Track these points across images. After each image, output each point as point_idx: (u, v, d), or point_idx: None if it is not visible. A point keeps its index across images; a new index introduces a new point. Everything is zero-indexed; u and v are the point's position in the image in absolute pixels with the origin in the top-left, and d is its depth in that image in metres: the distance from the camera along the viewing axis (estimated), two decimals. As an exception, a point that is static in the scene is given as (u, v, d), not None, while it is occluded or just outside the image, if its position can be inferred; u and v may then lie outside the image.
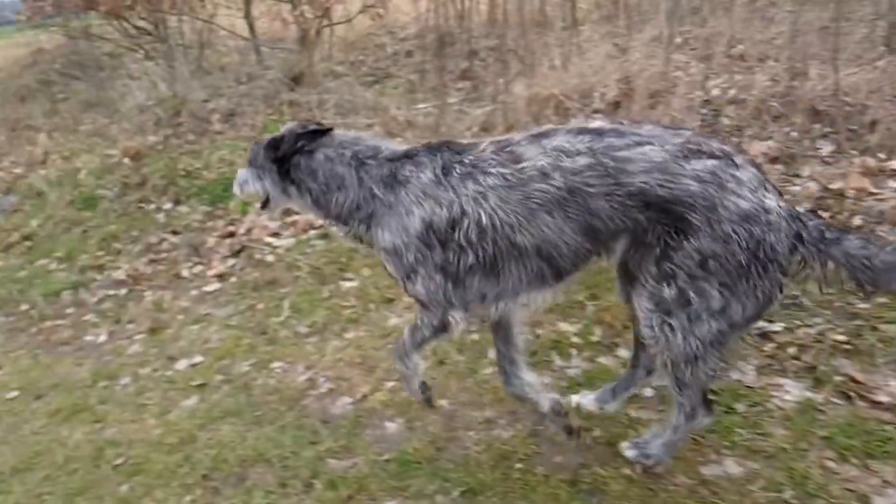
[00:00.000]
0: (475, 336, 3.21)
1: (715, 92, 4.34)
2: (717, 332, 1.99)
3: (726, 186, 1.91)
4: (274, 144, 2.36)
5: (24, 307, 4.55)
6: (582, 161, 1.99)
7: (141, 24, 9.45)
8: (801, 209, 2.03)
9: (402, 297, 3.61)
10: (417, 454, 2.63)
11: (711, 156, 1.95)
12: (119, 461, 2.93)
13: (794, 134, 3.90)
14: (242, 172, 2.52)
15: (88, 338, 4.08)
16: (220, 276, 4.32)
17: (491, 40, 7.40)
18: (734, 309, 1.96)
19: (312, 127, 2.36)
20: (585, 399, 2.67)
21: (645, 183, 1.94)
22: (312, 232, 4.39)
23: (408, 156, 2.26)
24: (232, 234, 4.61)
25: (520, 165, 2.05)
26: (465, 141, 2.31)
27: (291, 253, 4.26)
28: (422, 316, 2.30)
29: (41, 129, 7.91)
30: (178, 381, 3.46)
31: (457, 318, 2.25)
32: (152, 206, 5.22)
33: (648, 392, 2.72)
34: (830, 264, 1.96)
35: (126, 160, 5.83)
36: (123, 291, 4.45)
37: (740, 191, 1.91)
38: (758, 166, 2.03)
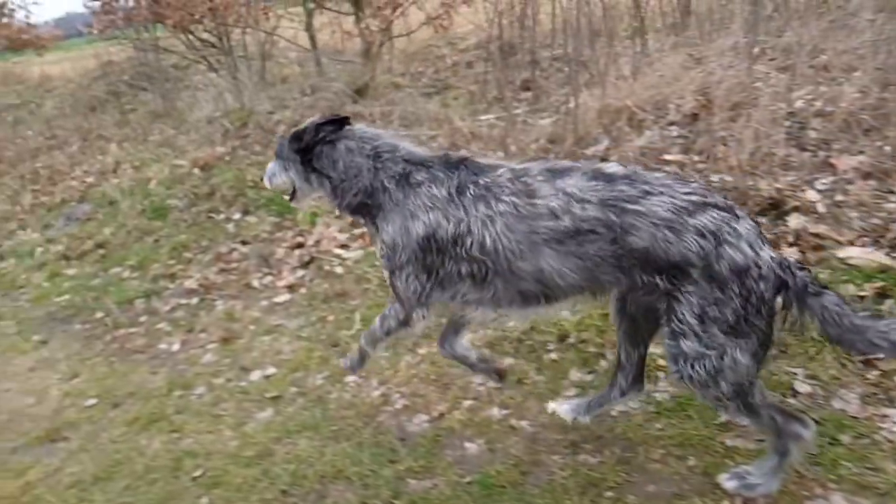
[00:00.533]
0: (553, 356, 3.13)
1: (799, 104, 4.17)
2: (747, 369, 2.08)
3: (727, 240, 2.00)
4: (297, 136, 2.49)
5: (98, 315, 4.65)
6: (591, 210, 2.08)
7: (205, 36, 9.73)
8: (790, 259, 2.15)
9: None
10: (501, 478, 2.56)
11: (716, 207, 2.05)
12: (198, 473, 2.94)
13: (888, 149, 3.70)
14: (271, 165, 2.65)
15: (162, 346, 4.13)
16: (290, 288, 4.34)
17: (553, 50, 7.34)
18: (750, 343, 2.06)
19: (331, 117, 2.47)
20: (561, 407, 2.69)
21: (650, 238, 2.03)
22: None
23: (424, 163, 2.35)
24: (301, 245, 4.63)
25: (532, 200, 2.15)
26: (483, 161, 2.37)
27: (360, 265, 4.26)
28: (392, 307, 2.51)
29: (112, 139, 8.17)
30: (252, 392, 3.47)
31: (422, 316, 2.45)
32: (221, 217, 5.30)
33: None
34: (807, 313, 2.06)
35: (195, 171, 5.95)
36: (195, 300, 4.51)
37: (738, 244, 2.00)
38: (755, 220, 2.14)
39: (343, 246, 4.45)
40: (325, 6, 7.34)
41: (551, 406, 2.74)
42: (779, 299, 2.06)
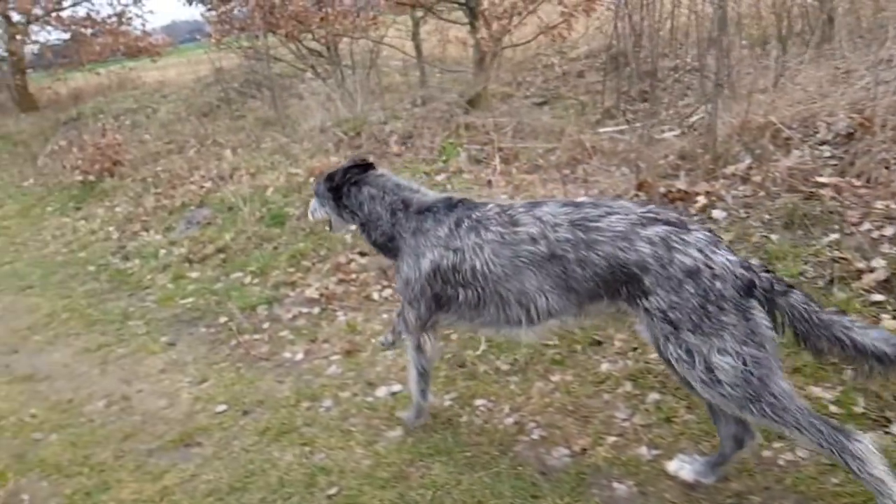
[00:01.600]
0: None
1: (973, 124, 3.78)
2: (744, 366, 2.14)
3: (674, 247, 2.22)
4: (330, 177, 2.99)
5: (222, 319, 4.77)
6: (562, 232, 2.39)
7: (313, 45, 9.95)
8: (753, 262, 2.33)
9: (613, 341, 3.41)
10: (658, 526, 2.40)
11: (666, 222, 2.29)
12: (332, 491, 2.91)
13: None
14: (312, 202, 3.18)
15: (286, 354, 4.18)
16: (411, 302, 4.29)
17: (672, 60, 7.06)
18: (728, 343, 2.14)
19: (358, 161, 2.97)
20: (682, 469, 2.57)
21: (611, 249, 2.29)
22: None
23: (431, 209, 2.76)
24: (420, 259, 4.59)
25: (515, 229, 2.49)
26: (478, 200, 2.80)
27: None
28: (407, 338, 2.99)
29: (226, 145, 8.46)
30: (379, 408, 3.43)
31: (429, 340, 2.92)
32: (338, 226, 5.34)
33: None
34: (777, 313, 2.18)
35: (311, 180, 6.04)
36: (316, 310, 4.55)
37: (686, 249, 2.21)
38: (711, 231, 2.34)
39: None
40: (442, 16, 7.31)
41: (672, 467, 2.60)
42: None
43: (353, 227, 3.09)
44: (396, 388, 3.57)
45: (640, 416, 2.96)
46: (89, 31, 16.44)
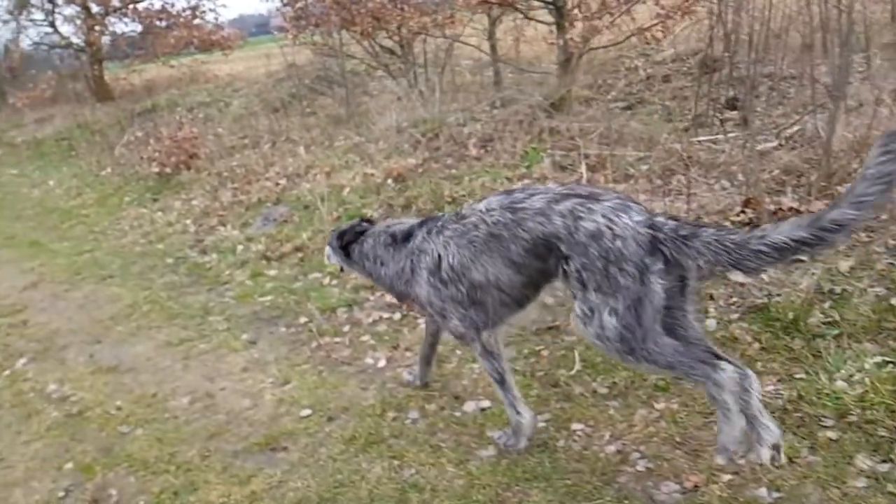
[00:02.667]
0: (831, 434, 2.72)
1: None
2: (625, 326, 2.45)
3: (580, 216, 2.51)
4: (340, 235, 3.46)
5: (302, 319, 4.74)
6: (495, 215, 2.73)
7: (386, 43, 9.92)
8: (661, 218, 2.49)
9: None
10: (789, 579, 2.21)
11: (577, 196, 2.58)
12: (426, 511, 2.83)
13: None
14: (327, 249, 3.58)
15: (368, 360, 4.11)
16: (497, 313, 4.17)
17: (764, 66, 6.73)
18: (618, 302, 2.43)
19: (365, 226, 3.43)
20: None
21: (533, 224, 2.61)
22: (595, 276, 4.11)
23: (409, 232, 3.14)
24: (505, 269, 4.46)
25: (463, 221, 2.86)
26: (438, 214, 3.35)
27: (574, 297, 4.01)
28: (477, 354, 3.11)
29: (299, 142, 8.49)
30: (469, 425, 3.32)
31: (485, 337, 2.99)
32: (418, 230, 5.26)
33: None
34: (694, 257, 2.37)
35: (389, 181, 5.98)
36: (397, 316, 4.47)
37: (591, 217, 2.49)
38: (624, 197, 2.59)
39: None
40: (529, 16, 7.15)
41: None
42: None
43: (361, 275, 3.56)
44: (485, 403, 3.45)
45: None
46: (163, 23, 16.90)
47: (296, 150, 8.10)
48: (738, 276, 2.60)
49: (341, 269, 3.68)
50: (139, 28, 17.18)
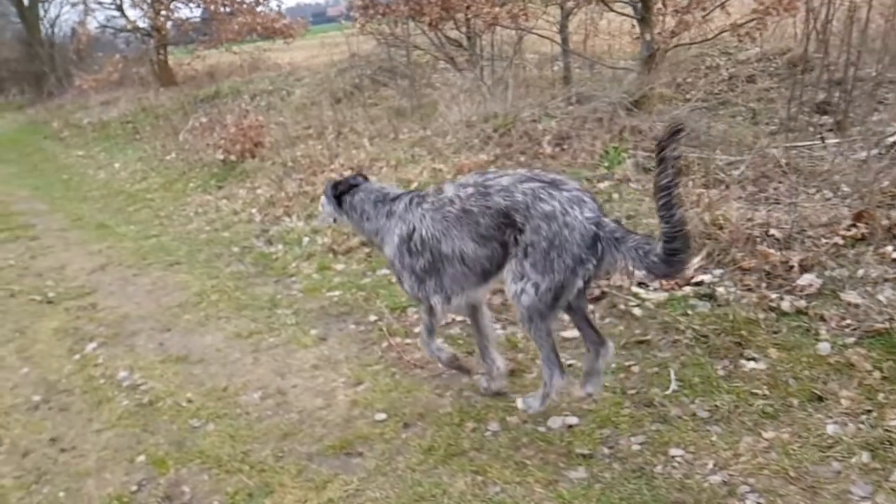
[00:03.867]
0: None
1: None
2: (538, 300, 2.88)
3: (540, 197, 2.82)
4: (335, 186, 3.65)
5: (371, 318, 4.62)
6: (469, 191, 3.03)
7: (454, 35, 9.74)
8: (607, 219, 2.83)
9: (839, 399, 2.95)
10: None
11: (539, 181, 2.89)
12: (515, 533, 2.66)
13: None
14: (322, 198, 3.81)
15: (442, 364, 3.95)
16: (579, 323, 3.97)
17: (861, 69, 6.33)
18: (544, 281, 2.84)
19: (359, 180, 3.64)
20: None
21: (497, 199, 2.91)
22: (689, 289, 3.87)
23: (397, 198, 3.39)
24: (587, 275, 4.25)
25: (440, 196, 3.14)
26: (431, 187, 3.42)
27: (665, 310, 3.78)
28: (419, 308, 3.50)
29: (363, 134, 8.39)
30: (555, 442, 3.13)
31: (437, 302, 3.29)
32: (492, 230, 5.08)
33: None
34: (622, 257, 2.77)
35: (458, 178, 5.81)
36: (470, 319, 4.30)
37: (549, 201, 2.80)
38: (582, 191, 2.88)
39: (642, 284, 4.00)
40: (612, 8, 6.87)
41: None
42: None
43: (349, 225, 3.72)
44: (572, 420, 3.25)
45: (885, 495, 2.51)
46: (227, 9, 17.06)
47: (360, 142, 8.00)
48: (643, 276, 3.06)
49: (334, 220, 3.80)
50: (204, 14, 17.42)
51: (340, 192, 3.61)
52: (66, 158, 13.23)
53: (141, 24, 18.00)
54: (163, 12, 16.83)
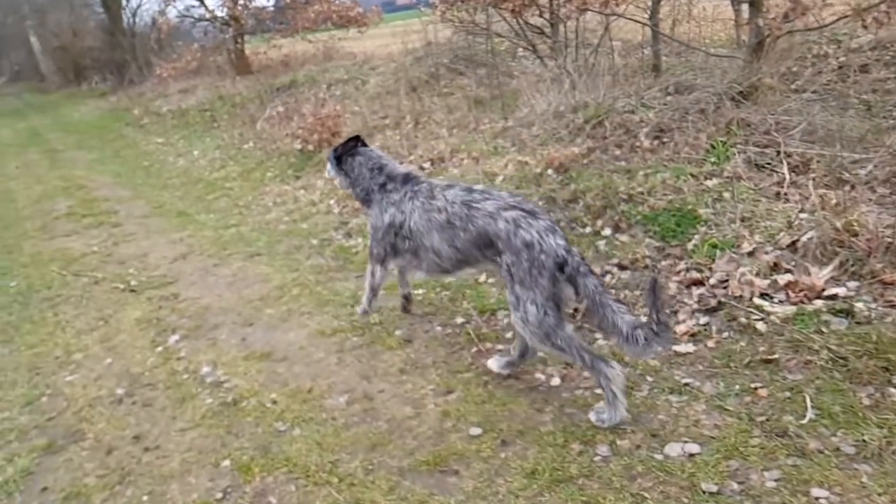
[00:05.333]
0: None
1: None
2: (544, 314, 3.13)
3: (521, 226, 3.19)
4: (336, 149, 4.12)
5: (458, 320, 4.38)
6: (456, 208, 3.46)
7: (535, 21, 9.34)
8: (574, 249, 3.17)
9: None
10: None
11: (520, 210, 3.26)
12: (639, 580, 2.36)
13: None
14: (328, 161, 4.24)
15: (538, 376, 3.68)
16: (693, 336, 3.62)
17: None
18: (537, 297, 3.12)
19: (352, 138, 4.07)
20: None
21: (481, 223, 3.33)
22: (820, 302, 3.45)
23: (395, 179, 3.84)
24: (699, 283, 3.88)
25: (432, 201, 3.58)
26: (422, 178, 3.87)
27: (795, 325, 3.38)
28: (368, 269, 4.10)
29: (441, 124, 8.14)
30: (675, 473, 2.81)
31: (380, 269, 4.02)
32: (587, 230, 4.75)
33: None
34: (578, 288, 3.10)
35: (549, 171, 5.49)
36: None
37: (529, 230, 3.16)
38: (553, 222, 3.26)
39: (765, 295, 3.60)
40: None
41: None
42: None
43: (346, 185, 4.12)
44: (693, 448, 2.92)
45: None
46: (303, -1, 17.09)
47: (438, 132, 7.75)
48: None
49: (339, 183, 4.21)
50: (279, 2, 17.52)
51: (341, 154, 4.08)
52: (146, 145, 13.52)
53: (219, 14, 18.28)
54: (241, 2, 17.01)
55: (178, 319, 5.02)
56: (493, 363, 3.71)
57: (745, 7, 6.62)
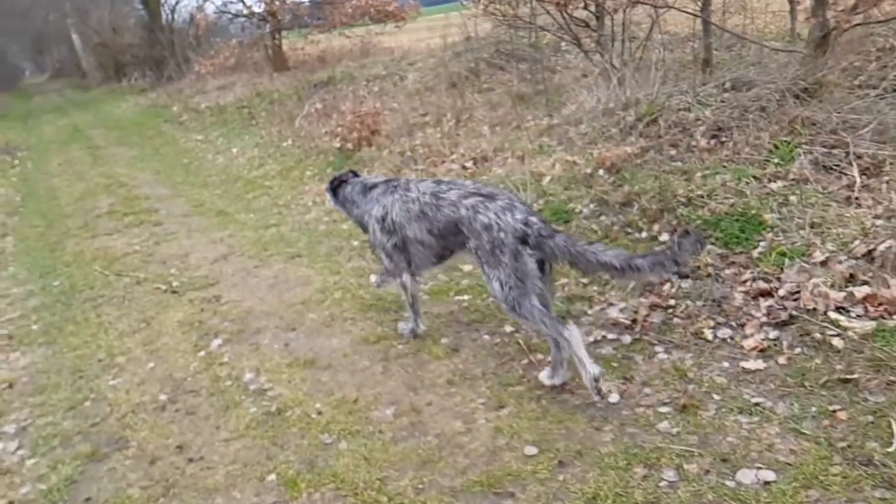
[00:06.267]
0: None
1: None
2: (509, 289, 3.36)
3: (479, 210, 3.43)
4: (332, 181, 4.45)
5: (507, 328, 4.22)
6: (426, 198, 3.73)
7: (581, 14, 9.08)
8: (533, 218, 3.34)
9: None
10: None
11: (479, 195, 3.50)
12: None
13: None
14: (327, 193, 4.54)
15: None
16: (762, 352, 3.40)
17: None
18: (501, 274, 3.36)
19: (349, 175, 4.45)
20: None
21: (447, 212, 3.60)
22: (903, 317, 3.21)
23: (375, 185, 4.17)
24: (767, 294, 3.65)
25: (407, 193, 3.88)
26: (402, 178, 4.27)
27: (874, 343, 3.14)
28: (394, 281, 4.24)
29: (482, 120, 7.96)
30: (750, 502, 2.61)
31: (406, 278, 4.11)
32: (643, 235, 4.53)
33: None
34: (549, 252, 3.28)
35: (600, 172, 5.28)
36: (626, 339, 3.81)
37: (486, 213, 3.40)
38: (513, 200, 3.46)
39: (841, 309, 3.36)
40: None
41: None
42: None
43: (345, 214, 4.50)
44: (768, 475, 2.71)
45: None
46: (341, -6, 17.02)
47: (480, 130, 7.57)
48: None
49: (341, 211, 4.54)
50: (317, -1, 17.50)
51: (336, 186, 4.37)
52: (185, 142, 13.59)
53: (257, 10, 18.32)
54: (278, -3, 17.03)
55: (221, 323, 4.95)
56: (545, 376, 3.60)
57: (806, -2, 6.30)
